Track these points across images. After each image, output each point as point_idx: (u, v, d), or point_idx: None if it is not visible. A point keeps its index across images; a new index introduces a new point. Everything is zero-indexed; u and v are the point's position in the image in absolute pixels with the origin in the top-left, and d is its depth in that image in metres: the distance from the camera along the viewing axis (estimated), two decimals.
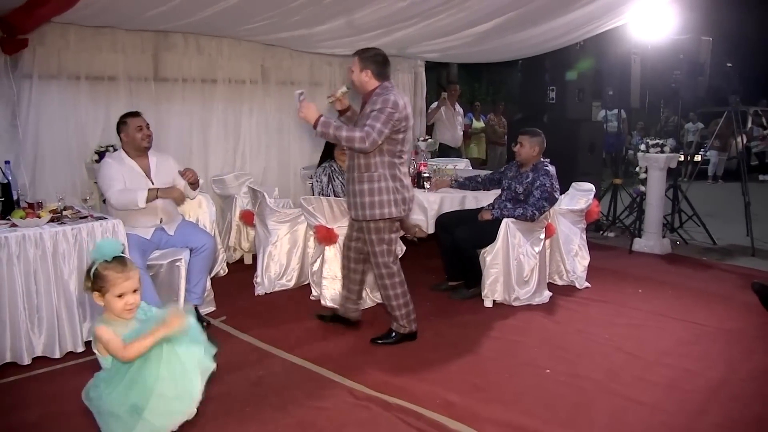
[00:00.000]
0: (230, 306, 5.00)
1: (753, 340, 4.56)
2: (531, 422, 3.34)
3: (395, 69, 7.94)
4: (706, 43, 7.44)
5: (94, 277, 2.46)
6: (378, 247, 4.20)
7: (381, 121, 3.90)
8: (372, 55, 4.08)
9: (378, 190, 4.07)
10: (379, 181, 4.07)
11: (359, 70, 4.06)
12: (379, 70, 4.07)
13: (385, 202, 4.09)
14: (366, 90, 4.10)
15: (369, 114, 3.94)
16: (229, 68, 6.40)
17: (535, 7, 5.53)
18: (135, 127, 4.48)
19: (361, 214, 4.14)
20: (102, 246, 2.53)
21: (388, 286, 4.28)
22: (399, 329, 4.36)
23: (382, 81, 4.08)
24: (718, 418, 3.43)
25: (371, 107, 3.96)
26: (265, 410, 3.44)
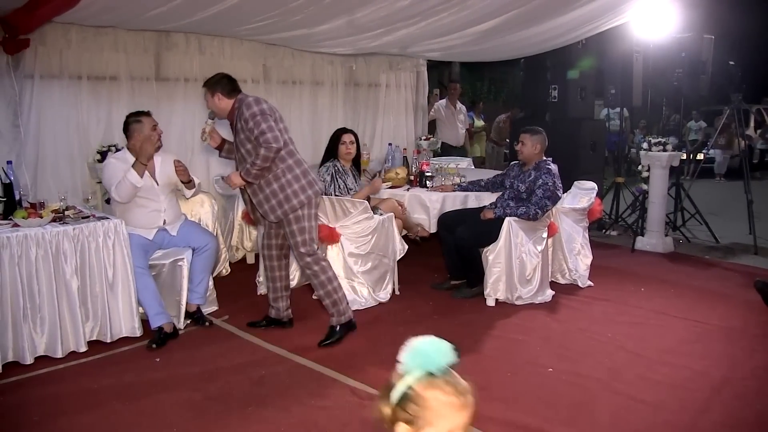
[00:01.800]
0: (233, 305, 5.00)
1: (755, 338, 4.55)
2: (533, 421, 3.34)
3: (397, 68, 7.97)
4: (708, 41, 7.44)
5: (404, 399, 1.50)
6: (300, 237, 4.20)
7: (263, 123, 3.96)
8: (214, 81, 4.16)
9: (287, 183, 4.11)
10: (284, 174, 4.11)
11: (210, 97, 4.14)
12: (227, 89, 4.13)
13: (298, 190, 4.13)
14: (226, 111, 4.16)
15: (243, 127, 4.02)
16: (231, 67, 6.35)
17: (537, 6, 5.52)
18: (150, 126, 4.44)
19: (280, 213, 4.15)
20: (428, 350, 1.54)
21: (318, 273, 4.27)
22: (339, 320, 4.35)
23: (235, 95, 4.15)
24: (721, 417, 3.43)
25: (241, 122, 4.03)
26: (267, 410, 3.44)
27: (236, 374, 3.86)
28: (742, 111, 7.81)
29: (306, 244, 4.21)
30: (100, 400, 3.53)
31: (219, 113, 4.20)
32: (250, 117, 3.98)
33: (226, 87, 4.13)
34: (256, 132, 3.96)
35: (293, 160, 4.16)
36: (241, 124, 4.04)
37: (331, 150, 5.42)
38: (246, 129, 4.02)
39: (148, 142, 4.35)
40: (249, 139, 4.04)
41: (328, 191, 5.21)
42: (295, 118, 6.97)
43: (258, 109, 4.00)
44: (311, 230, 4.24)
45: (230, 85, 4.16)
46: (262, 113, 3.99)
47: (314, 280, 4.32)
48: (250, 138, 4.03)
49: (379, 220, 5.04)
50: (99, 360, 4.04)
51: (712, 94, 9.12)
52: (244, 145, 4.09)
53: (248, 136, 4.03)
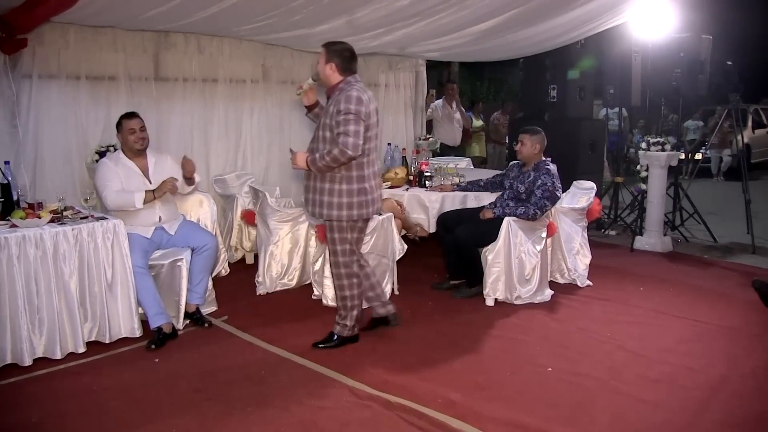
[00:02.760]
0: (232, 305, 5.00)
1: (754, 337, 4.57)
2: (533, 420, 3.34)
3: (396, 68, 7.96)
4: (706, 41, 7.44)
5: None
6: (340, 246, 4.12)
7: (351, 123, 3.81)
8: (338, 48, 3.99)
9: (338, 192, 3.98)
10: (340, 183, 3.97)
11: (324, 62, 3.98)
12: (344, 65, 3.97)
13: (345, 205, 3.99)
14: (330, 83, 4.01)
15: (334, 114, 3.87)
16: (230, 68, 6.38)
17: (536, 6, 5.52)
18: (128, 129, 4.47)
19: (317, 212, 4.07)
20: None
21: (345, 287, 4.21)
22: (342, 332, 4.29)
23: (347, 75, 3.99)
24: (720, 415, 3.43)
25: (335, 107, 3.87)
26: (267, 410, 3.44)
27: (236, 374, 3.86)
28: (740, 111, 7.82)
29: (344, 255, 4.14)
30: (99, 401, 3.52)
31: (323, 81, 4.05)
32: (343, 111, 3.82)
33: (344, 64, 3.97)
34: (341, 129, 3.82)
35: (357, 174, 3.98)
36: (334, 108, 3.88)
37: None
38: (334, 117, 3.87)
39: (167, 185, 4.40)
40: (331, 128, 3.90)
41: None
42: (294, 117, 6.96)
43: (354, 108, 3.82)
44: (353, 242, 4.14)
45: (348, 64, 3.99)
46: (356, 114, 3.83)
47: (337, 290, 4.27)
48: (332, 128, 3.89)
49: (378, 220, 5.03)
50: (98, 361, 4.03)
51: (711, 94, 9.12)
52: (324, 129, 3.95)
53: (331, 125, 3.89)
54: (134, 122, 4.50)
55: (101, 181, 4.40)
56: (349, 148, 3.80)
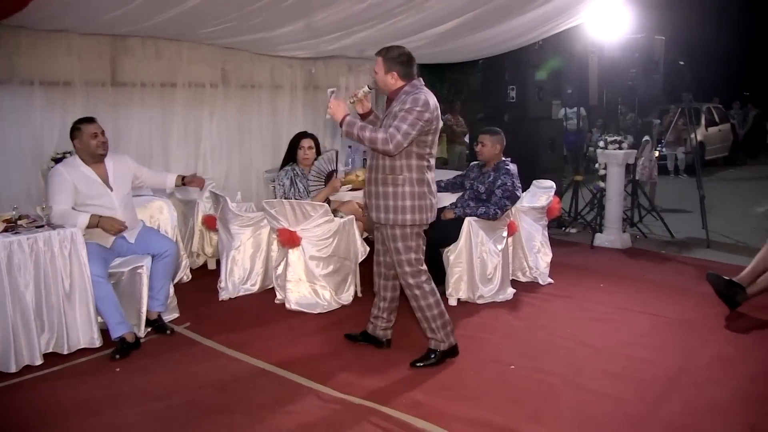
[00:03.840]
0: (194, 312, 4.95)
1: (709, 329, 4.69)
2: (497, 418, 3.38)
3: (357, 70, 7.96)
4: (659, 42, 7.61)
5: None
6: (405, 255, 3.92)
7: (408, 122, 3.68)
8: (397, 55, 3.84)
9: (402, 195, 3.83)
10: (403, 186, 3.82)
11: (384, 72, 3.84)
12: (404, 72, 3.84)
13: (408, 208, 3.84)
14: (392, 89, 3.88)
15: (396, 113, 3.75)
16: (189, 72, 6.32)
17: (493, 8, 5.59)
18: (90, 134, 4.34)
19: (383, 218, 3.89)
20: None
21: (418, 296, 3.98)
22: (438, 346, 4.05)
23: (410, 81, 3.87)
24: (677, 405, 3.52)
25: (400, 106, 3.74)
26: (232, 416, 3.42)
27: (200, 382, 3.82)
28: (692, 110, 8.00)
29: (411, 264, 3.94)
30: (57, 414, 3.45)
31: (381, 88, 3.94)
32: (406, 110, 3.70)
33: (405, 70, 3.84)
34: (395, 123, 3.69)
35: (418, 177, 3.84)
36: (398, 109, 3.75)
37: (290, 154, 5.41)
38: (395, 113, 3.75)
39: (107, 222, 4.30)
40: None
41: (287, 195, 5.19)
42: (254, 121, 6.94)
43: (417, 110, 3.69)
44: (417, 249, 3.95)
45: (409, 69, 3.86)
46: (416, 117, 3.69)
47: (414, 303, 4.04)
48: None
49: (340, 222, 5.05)
50: (56, 372, 3.93)
51: (666, 94, 9.33)
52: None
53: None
54: (95, 126, 4.38)
55: (50, 193, 4.27)
56: (392, 144, 3.68)
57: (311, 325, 4.75)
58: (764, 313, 4.98)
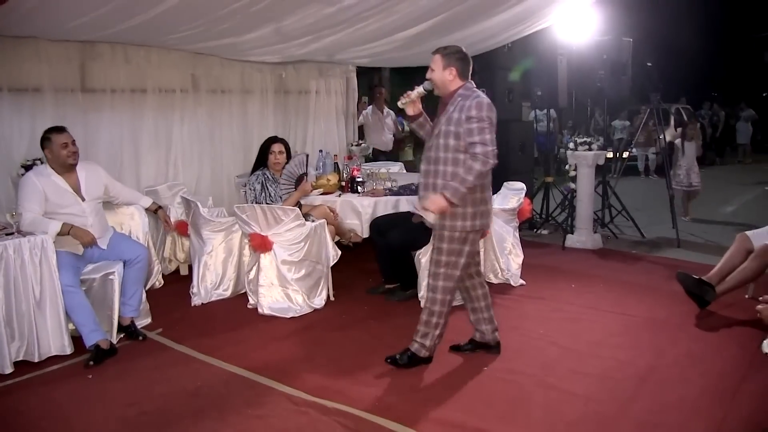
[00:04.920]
0: (167, 318, 4.92)
1: (678, 327, 4.76)
2: (469, 419, 3.40)
3: (327, 74, 7.98)
4: (627, 43, 7.71)
5: None
6: (446, 257, 3.85)
7: (487, 131, 3.64)
8: (455, 52, 3.80)
9: (470, 202, 3.77)
10: (469, 193, 3.74)
11: (442, 68, 3.78)
12: (463, 69, 3.80)
13: (469, 215, 3.79)
14: (448, 90, 3.82)
15: (462, 120, 3.67)
16: (159, 77, 6.28)
17: (462, 11, 5.62)
18: (60, 144, 4.31)
19: (438, 223, 3.81)
20: None
21: (437, 301, 3.92)
22: (419, 351, 4.03)
23: (465, 81, 3.83)
24: (647, 404, 3.57)
25: (463, 113, 3.68)
26: (203, 421, 3.40)
27: (171, 387, 3.81)
28: (661, 110, 8.11)
29: (444, 266, 3.87)
30: (27, 422, 3.42)
31: (439, 88, 3.84)
32: (476, 117, 3.64)
33: (464, 68, 3.80)
34: (477, 139, 3.63)
35: (480, 182, 3.77)
36: (459, 115, 3.68)
37: (261, 159, 5.40)
38: (461, 124, 3.67)
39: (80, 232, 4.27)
40: (457, 136, 3.69)
41: (258, 200, 5.19)
42: (225, 126, 6.91)
43: (487, 115, 3.66)
44: (460, 254, 3.86)
45: (467, 68, 3.82)
46: (490, 122, 3.67)
47: (427, 303, 3.99)
48: (459, 135, 3.69)
49: (311, 226, 5.05)
50: (26, 380, 3.90)
51: (634, 95, 9.44)
52: (446, 136, 3.74)
53: (458, 133, 3.69)
54: (65, 136, 4.34)
55: (20, 201, 4.24)
56: (491, 158, 3.65)
57: (284, 330, 4.74)
58: (733, 311, 5.06)
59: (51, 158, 4.36)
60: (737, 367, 4.07)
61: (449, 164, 3.75)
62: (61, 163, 4.35)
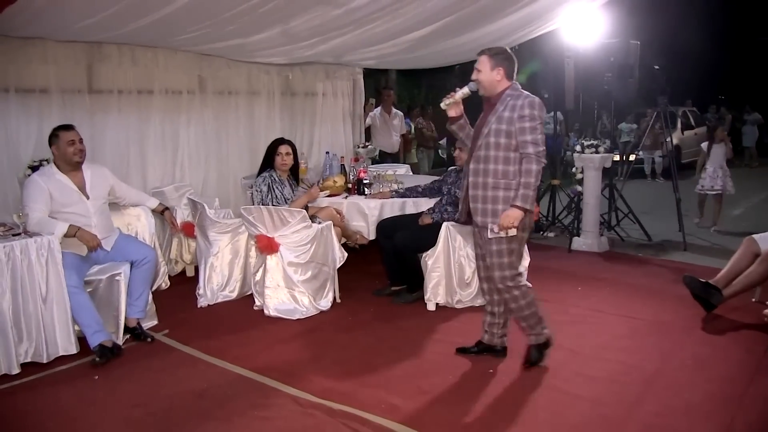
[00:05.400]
0: (173, 319, 4.92)
1: (685, 330, 4.75)
2: (475, 422, 3.40)
3: (333, 76, 7.99)
4: (634, 46, 7.69)
5: None
6: (507, 258, 3.86)
7: (539, 131, 3.71)
8: (502, 52, 3.84)
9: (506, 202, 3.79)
10: (516, 190, 3.75)
11: (490, 68, 3.80)
12: (509, 69, 3.82)
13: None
14: (495, 90, 3.83)
15: (514, 119, 3.71)
16: (166, 79, 6.29)
17: (469, 13, 5.62)
18: (67, 141, 4.33)
19: (487, 221, 3.81)
20: None
21: (518, 297, 3.93)
22: (539, 339, 4.05)
23: (511, 81, 3.85)
24: (653, 407, 3.56)
25: (515, 112, 3.71)
26: (209, 423, 3.41)
27: (177, 388, 3.81)
28: (668, 113, 8.09)
29: (508, 268, 3.88)
30: (34, 423, 3.43)
31: (487, 88, 3.84)
32: (528, 116, 3.68)
33: (511, 68, 3.83)
34: (529, 138, 3.68)
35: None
36: (510, 113, 3.72)
37: (267, 161, 5.41)
38: (513, 122, 3.70)
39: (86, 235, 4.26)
40: (509, 134, 3.72)
41: (265, 201, 5.19)
42: (231, 128, 6.91)
43: (539, 114, 3.72)
44: (518, 253, 3.93)
45: (513, 68, 3.85)
46: (541, 122, 3.74)
47: (511, 304, 3.98)
48: (510, 133, 3.71)
49: (318, 228, 5.05)
50: (34, 381, 3.91)
51: (641, 98, 9.42)
52: (497, 135, 3.75)
53: (509, 131, 3.71)
54: (73, 134, 4.37)
55: (26, 201, 4.24)
56: (543, 158, 3.70)
57: (290, 331, 4.74)
58: (739, 314, 5.04)
59: (57, 155, 4.39)
60: (744, 371, 4.06)
61: (500, 163, 3.77)
62: (67, 160, 4.37)
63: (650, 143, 13.48)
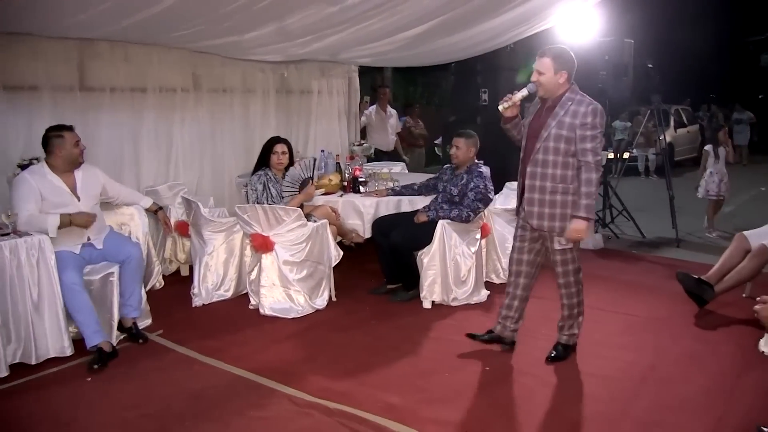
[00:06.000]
0: (167, 319, 4.89)
1: (679, 326, 4.79)
2: (472, 420, 3.40)
3: (329, 74, 7.96)
4: (628, 45, 7.72)
5: None
6: (571, 255, 3.98)
7: (599, 140, 3.74)
8: (565, 53, 3.83)
9: (571, 203, 3.83)
10: (573, 194, 3.81)
11: (553, 72, 3.78)
12: (572, 72, 3.82)
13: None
14: (556, 93, 3.83)
15: (576, 125, 3.73)
16: (159, 76, 6.24)
17: (464, 12, 5.61)
18: (74, 141, 4.29)
19: (556, 226, 3.87)
20: None
21: (575, 293, 4.07)
22: (569, 341, 4.20)
23: (570, 83, 3.84)
24: (649, 403, 3.59)
25: (577, 118, 3.73)
26: (205, 423, 3.39)
27: (172, 389, 3.79)
28: (661, 111, 8.10)
29: (571, 262, 4.00)
30: (25, 426, 3.40)
31: (547, 90, 3.83)
32: (590, 125, 3.71)
33: (572, 71, 3.82)
34: (588, 146, 3.72)
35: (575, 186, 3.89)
36: (572, 120, 3.74)
37: (263, 159, 5.39)
38: (574, 129, 3.73)
39: (79, 218, 4.25)
40: (569, 141, 3.75)
41: (260, 200, 5.17)
42: (226, 126, 6.88)
43: (600, 122, 3.73)
44: (577, 250, 4.02)
45: (573, 70, 3.83)
46: (601, 130, 3.74)
47: (573, 299, 4.09)
48: (570, 140, 3.74)
49: (313, 227, 5.03)
50: (24, 384, 3.85)
51: (635, 96, 9.44)
52: (557, 140, 3.77)
53: (570, 138, 3.74)
54: (76, 134, 4.34)
55: (15, 200, 4.17)
56: (601, 166, 3.80)
57: (285, 331, 4.72)
58: (731, 310, 5.09)
59: (59, 155, 4.29)
60: (735, 365, 4.11)
61: (558, 167, 3.81)
62: (72, 161, 4.32)
63: (643, 141, 13.52)
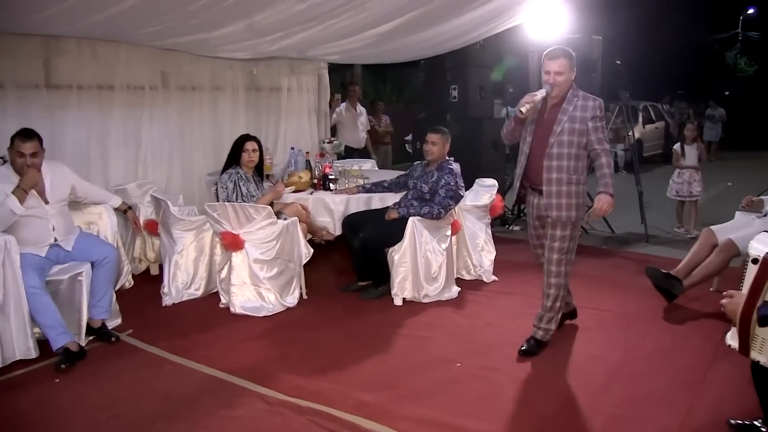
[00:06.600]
0: (137, 319, 4.84)
1: (648, 321, 4.85)
2: (443, 416, 3.41)
3: (299, 71, 7.92)
4: (597, 41, 7.79)
5: None
6: (568, 243, 4.16)
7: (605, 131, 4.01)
8: (571, 51, 4.06)
9: (582, 193, 4.09)
10: (583, 184, 4.09)
11: (570, 70, 4.00)
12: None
13: (582, 205, 4.12)
14: (565, 90, 4.03)
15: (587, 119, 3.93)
16: (127, 74, 6.17)
17: (433, 9, 5.62)
18: (16, 151, 4.14)
19: (563, 215, 4.05)
20: None
21: (562, 286, 4.24)
22: (545, 337, 4.27)
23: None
24: (617, 397, 3.63)
25: (587, 112, 3.94)
26: (175, 423, 3.37)
27: (143, 390, 3.75)
28: (630, 107, 8.19)
29: (566, 252, 4.19)
30: None
31: (563, 88, 4.00)
32: (599, 118, 3.96)
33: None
34: (602, 136, 3.97)
35: (584, 177, 4.13)
36: (582, 114, 3.94)
37: (233, 157, 5.35)
38: (585, 122, 3.94)
39: (27, 181, 4.11)
40: (581, 134, 3.96)
41: (230, 198, 5.14)
42: (195, 124, 6.81)
43: (603, 115, 4.01)
44: (576, 239, 4.23)
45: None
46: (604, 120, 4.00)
47: (554, 290, 4.24)
48: (582, 132, 3.96)
49: (283, 224, 5.01)
50: None
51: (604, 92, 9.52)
52: (571, 134, 3.97)
53: (582, 130, 3.95)
54: (29, 146, 4.15)
55: None
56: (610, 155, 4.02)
57: (257, 329, 4.70)
58: (699, 304, 5.16)
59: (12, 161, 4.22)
60: (703, 358, 4.17)
61: (572, 159, 4.01)
62: (15, 170, 4.20)
63: (612, 137, 13.67)
